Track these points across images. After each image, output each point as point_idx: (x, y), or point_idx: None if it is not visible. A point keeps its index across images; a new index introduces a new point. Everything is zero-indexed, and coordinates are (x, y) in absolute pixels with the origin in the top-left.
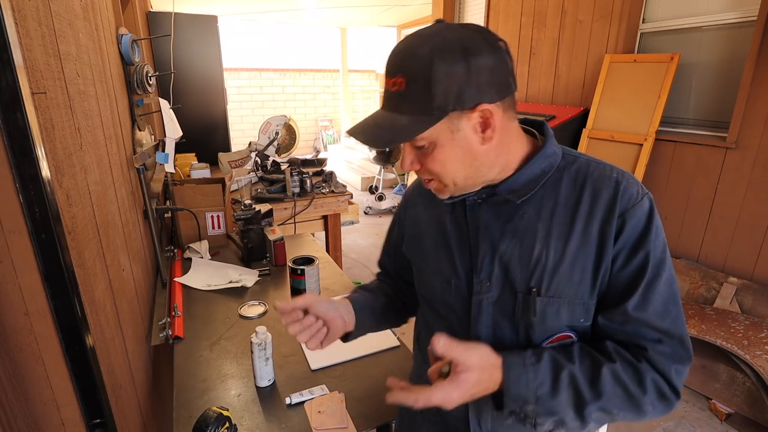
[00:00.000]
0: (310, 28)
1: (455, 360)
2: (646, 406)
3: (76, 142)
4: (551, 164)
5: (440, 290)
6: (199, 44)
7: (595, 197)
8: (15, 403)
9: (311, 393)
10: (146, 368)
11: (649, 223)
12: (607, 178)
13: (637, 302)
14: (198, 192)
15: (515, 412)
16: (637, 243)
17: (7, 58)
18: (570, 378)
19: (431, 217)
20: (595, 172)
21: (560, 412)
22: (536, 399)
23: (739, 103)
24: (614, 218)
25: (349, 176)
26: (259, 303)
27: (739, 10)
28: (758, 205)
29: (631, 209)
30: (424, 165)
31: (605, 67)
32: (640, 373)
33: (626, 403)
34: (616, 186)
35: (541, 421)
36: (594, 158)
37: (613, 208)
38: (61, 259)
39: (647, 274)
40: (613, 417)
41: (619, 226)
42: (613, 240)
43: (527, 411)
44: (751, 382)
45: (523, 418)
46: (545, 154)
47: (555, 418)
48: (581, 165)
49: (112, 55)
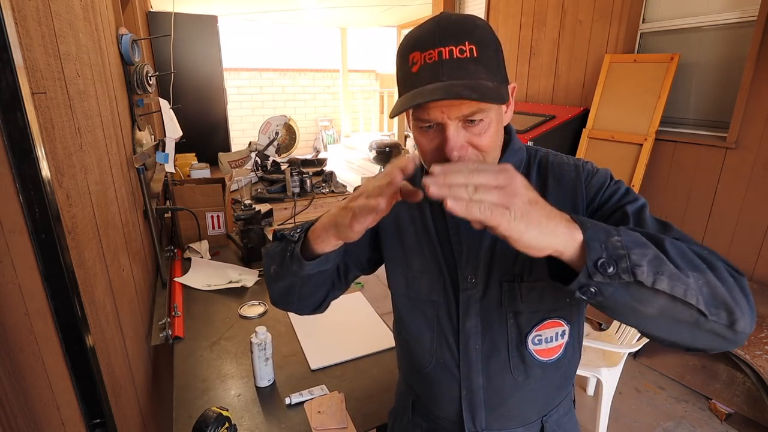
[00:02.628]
0: (310, 28)
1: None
2: (723, 272)
3: (76, 142)
4: (520, 159)
5: (427, 289)
6: (199, 44)
7: (560, 183)
8: (15, 403)
9: (311, 393)
10: (146, 368)
11: (611, 181)
12: (565, 164)
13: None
14: (198, 192)
15: (601, 257)
16: (606, 188)
17: (7, 58)
18: (630, 227)
19: (411, 217)
20: (555, 162)
21: (647, 243)
22: (618, 231)
23: (739, 103)
24: (582, 193)
25: (349, 176)
26: (259, 303)
27: (739, 10)
28: (758, 205)
29: (593, 177)
30: (473, 143)
31: (605, 67)
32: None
33: (701, 260)
34: (576, 169)
35: (637, 259)
36: (551, 150)
37: (578, 185)
38: (61, 259)
39: (628, 203)
40: (705, 276)
41: (586, 195)
42: (584, 206)
43: (615, 244)
44: (751, 382)
45: (617, 260)
46: (513, 149)
47: (648, 251)
48: (541, 157)
49: (112, 55)
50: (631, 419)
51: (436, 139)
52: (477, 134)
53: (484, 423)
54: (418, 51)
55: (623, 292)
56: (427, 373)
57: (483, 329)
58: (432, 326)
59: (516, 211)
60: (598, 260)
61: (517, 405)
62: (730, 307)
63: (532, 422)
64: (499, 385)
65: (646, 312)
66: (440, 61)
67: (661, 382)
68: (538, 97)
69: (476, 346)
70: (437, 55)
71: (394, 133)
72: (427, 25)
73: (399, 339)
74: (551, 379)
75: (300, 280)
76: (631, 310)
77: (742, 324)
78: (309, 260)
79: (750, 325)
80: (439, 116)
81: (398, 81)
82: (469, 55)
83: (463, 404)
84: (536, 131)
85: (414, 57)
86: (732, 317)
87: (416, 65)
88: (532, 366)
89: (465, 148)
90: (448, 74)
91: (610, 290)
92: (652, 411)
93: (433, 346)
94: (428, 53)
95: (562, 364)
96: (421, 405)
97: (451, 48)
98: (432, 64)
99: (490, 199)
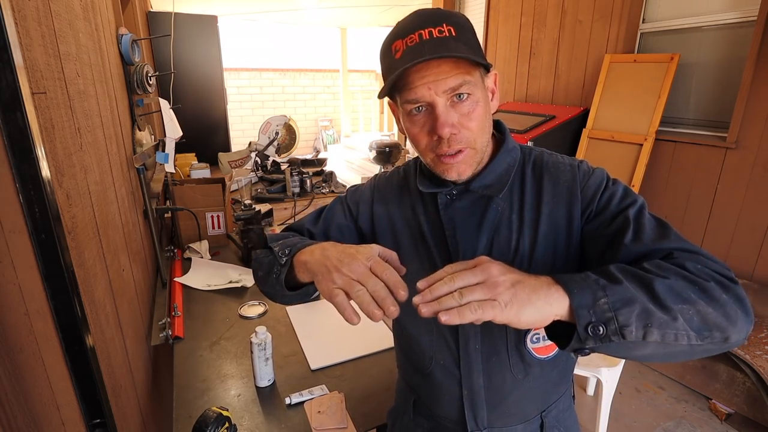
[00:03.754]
0: (310, 28)
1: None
2: (714, 291)
3: (76, 142)
4: (514, 158)
5: None
6: (199, 44)
7: (555, 184)
8: (15, 402)
9: (311, 393)
10: (146, 368)
11: (608, 182)
12: (561, 164)
13: (631, 235)
14: (198, 192)
15: (591, 322)
16: (603, 190)
17: (7, 58)
18: (619, 267)
19: (405, 219)
20: (550, 162)
21: (634, 296)
22: (603, 288)
23: (739, 103)
24: (577, 195)
25: (349, 176)
26: (259, 303)
27: (739, 10)
28: (758, 205)
29: (590, 178)
30: (463, 125)
31: (605, 67)
32: (678, 264)
33: (693, 286)
34: (572, 170)
35: (625, 319)
36: (546, 150)
37: (574, 188)
38: (61, 259)
39: (627, 207)
40: (696, 307)
41: (582, 199)
42: (581, 210)
43: (602, 308)
44: (751, 382)
45: (605, 324)
46: (507, 148)
47: (635, 306)
48: (536, 157)
49: (112, 55)
50: (631, 419)
51: (428, 123)
52: (466, 114)
53: (486, 421)
54: (399, 39)
55: (616, 346)
56: (428, 374)
57: (482, 330)
58: (431, 328)
59: (503, 299)
60: (588, 325)
61: (517, 402)
62: (722, 326)
63: (532, 418)
64: (500, 383)
65: (640, 353)
66: (421, 42)
67: (661, 382)
68: (538, 97)
69: (476, 346)
70: (417, 38)
71: (394, 133)
72: (406, 18)
73: (399, 340)
74: (549, 375)
75: (284, 298)
76: (625, 354)
77: (735, 337)
78: (291, 289)
79: (745, 331)
80: (426, 93)
81: (383, 72)
82: (448, 34)
83: (464, 404)
84: (536, 131)
85: (396, 45)
86: (725, 334)
87: (399, 52)
88: (530, 364)
89: (456, 128)
90: (429, 51)
91: (603, 348)
92: (652, 411)
93: (433, 348)
94: (409, 38)
95: (559, 361)
96: (423, 404)
97: (430, 29)
98: (413, 46)
99: (477, 298)
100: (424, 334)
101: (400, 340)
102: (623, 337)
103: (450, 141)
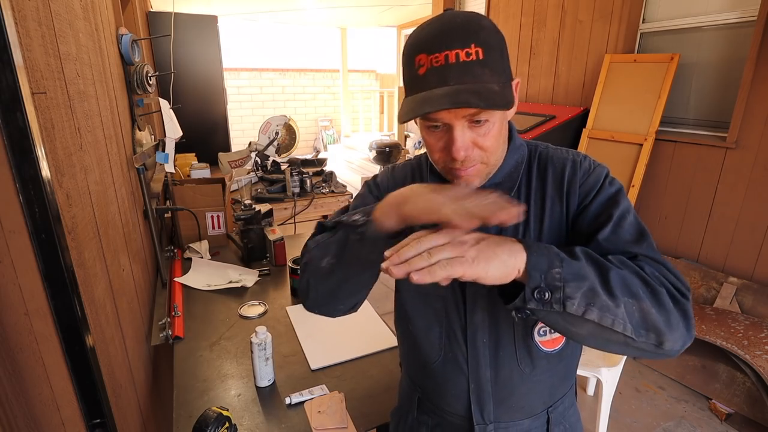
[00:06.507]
0: (310, 28)
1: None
2: (663, 297)
3: (76, 142)
4: (522, 155)
5: (435, 283)
6: (199, 44)
7: (558, 177)
8: (15, 403)
9: (311, 393)
10: (146, 368)
11: (605, 180)
12: (564, 159)
13: (607, 233)
14: (198, 192)
15: (539, 286)
16: (599, 188)
17: (7, 58)
18: (584, 250)
19: None
20: (554, 156)
21: (587, 275)
22: (561, 261)
23: (739, 103)
24: (576, 191)
25: (349, 176)
26: (259, 303)
27: (739, 10)
28: (758, 205)
29: (589, 176)
30: (478, 144)
31: (605, 67)
32: (639, 266)
33: (644, 286)
34: (573, 164)
35: (571, 292)
36: (551, 145)
37: (573, 183)
38: (61, 259)
39: (613, 207)
40: (640, 303)
41: (580, 192)
42: (577, 204)
43: (554, 276)
44: (751, 382)
45: (551, 291)
46: (515, 146)
47: (584, 284)
48: (541, 151)
49: (112, 55)
50: (631, 419)
51: (443, 138)
52: (482, 135)
53: (492, 415)
54: (424, 53)
55: (555, 317)
56: (435, 368)
57: (490, 323)
58: (441, 321)
59: (470, 255)
60: (536, 289)
61: (524, 396)
62: (660, 330)
63: (539, 413)
64: (507, 377)
65: (577, 332)
66: (447, 65)
67: (661, 382)
68: (538, 97)
69: (484, 339)
70: (444, 59)
71: (394, 133)
72: (432, 26)
73: (405, 336)
74: (555, 369)
75: (361, 270)
76: (563, 329)
77: (670, 344)
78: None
79: (681, 343)
80: (446, 117)
81: (405, 82)
82: (475, 57)
83: (471, 398)
84: (536, 131)
85: (420, 59)
86: (660, 339)
87: (423, 68)
88: (537, 357)
89: (470, 149)
90: (455, 78)
91: (542, 314)
92: (652, 411)
93: (442, 341)
94: (434, 56)
95: (565, 355)
96: (427, 401)
97: (458, 51)
98: (439, 68)
99: (445, 256)
100: (434, 325)
101: (407, 335)
102: (564, 307)
103: (464, 162)
